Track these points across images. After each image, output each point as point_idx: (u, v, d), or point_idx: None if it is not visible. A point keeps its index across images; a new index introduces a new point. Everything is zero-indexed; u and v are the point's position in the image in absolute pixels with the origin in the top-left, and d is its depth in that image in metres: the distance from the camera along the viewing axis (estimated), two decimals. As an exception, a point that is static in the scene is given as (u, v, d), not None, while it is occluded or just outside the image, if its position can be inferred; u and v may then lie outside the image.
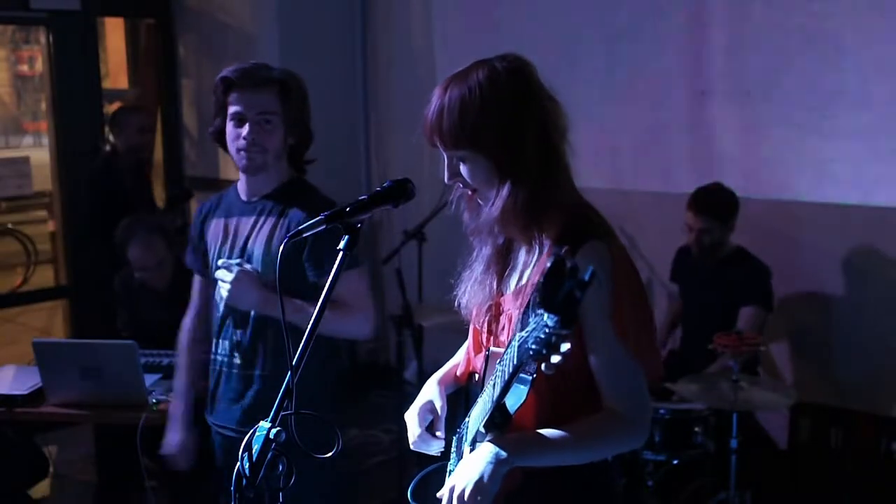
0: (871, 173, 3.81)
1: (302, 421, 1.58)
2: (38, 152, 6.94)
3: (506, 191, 1.68)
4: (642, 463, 3.45)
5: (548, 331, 1.31)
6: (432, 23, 5.35)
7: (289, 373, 1.58)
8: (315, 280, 2.47)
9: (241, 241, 2.55)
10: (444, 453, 1.87)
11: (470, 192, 1.75)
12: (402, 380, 4.49)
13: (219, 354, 2.62)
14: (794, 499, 3.85)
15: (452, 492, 1.63)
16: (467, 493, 1.60)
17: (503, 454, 1.62)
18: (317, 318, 1.62)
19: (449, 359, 2.03)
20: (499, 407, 1.61)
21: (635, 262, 1.76)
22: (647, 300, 1.76)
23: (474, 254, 1.83)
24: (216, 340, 2.63)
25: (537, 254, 1.71)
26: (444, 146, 1.71)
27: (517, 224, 1.71)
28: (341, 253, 1.65)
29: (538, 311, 1.34)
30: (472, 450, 1.70)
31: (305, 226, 1.66)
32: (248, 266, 2.50)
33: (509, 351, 1.49)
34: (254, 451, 1.54)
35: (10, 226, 7.25)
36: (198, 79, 5.70)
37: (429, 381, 1.94)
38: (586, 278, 1.28)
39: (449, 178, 1.75)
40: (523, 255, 1.77)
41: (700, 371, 3.58)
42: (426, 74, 5.25)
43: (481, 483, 1.60)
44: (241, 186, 2.61)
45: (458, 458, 1.79)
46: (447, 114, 1.67)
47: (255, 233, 2.53)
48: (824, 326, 4.04)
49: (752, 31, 4.09)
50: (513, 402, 1.59)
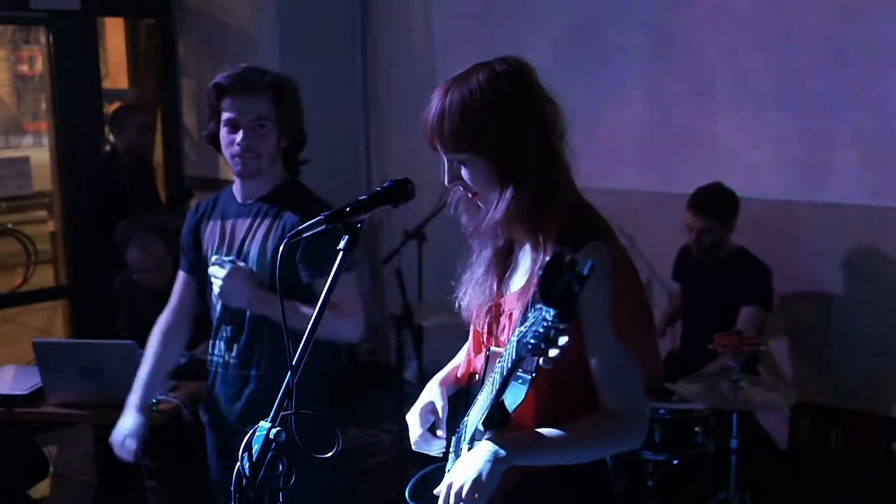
0: (871, 173, 3.81)
1: (302, 421, 1.58)
2: (38, 152, 6.96)
3: (509, 193, 1.67)
4: (642, 463, 3.45)
5: (546, 324, 1.31)
6: (432, 23, 5.35)
7: (288, 373, 1.57)
8: (308, 281, 2.47)
9: (238, 243, 2.55)
10: (446, 454, 1.87)
11: (470, 195, 1.75)
12: (402, 380, 4.49)
13: (215, 355, 2.63)
14: (794, 499, 3.85)
15: (450, 489, 1.63)
16: (465, 490, 1.60)
17: (501, 452, 1.62)
18: (317, 319, 1.62)
19: (449, 359, 2.03)
20: (497, 405, 1.61)
21: (635, 262, 1.76)
22: (647, 300, 1.77)
23: (474, 256, 1.83)
24: (213, 341, 2.64)
25: (539, 254, 1.71)
26: (445, 149, 1.71)
27: (520, 226, 1.71)
28: (341, 253, 1.64)
29: (537, 306, 1.34)
30: (470, 448, 1.70)
31: (306, 226, 1.64)
32: (241, 264, 2.50)
33: (509, 347, 1.50)
34: (254, 451, 1.53)
35: (10, 226, 7.26)
36: (198, 79, 5.70)
37: (430, 382, 1.95)
38: (585, 272, 1.29)
39: (449, 182, 1.75)
40: (524, 256, 1.77)
41: (700, 371, 3.58)
42: (426, 74, 5.25)
43: (479, 481, 1.60)
44: (237, 189, 2.62)
45: (457, 457, 1.79)
46: (448, 117, 1.67)
47: (251, 235, 2.54)
48: (824, 326, 4.04)
49: (752, 31, 4.09)
50: (511, 401, 1.60)
